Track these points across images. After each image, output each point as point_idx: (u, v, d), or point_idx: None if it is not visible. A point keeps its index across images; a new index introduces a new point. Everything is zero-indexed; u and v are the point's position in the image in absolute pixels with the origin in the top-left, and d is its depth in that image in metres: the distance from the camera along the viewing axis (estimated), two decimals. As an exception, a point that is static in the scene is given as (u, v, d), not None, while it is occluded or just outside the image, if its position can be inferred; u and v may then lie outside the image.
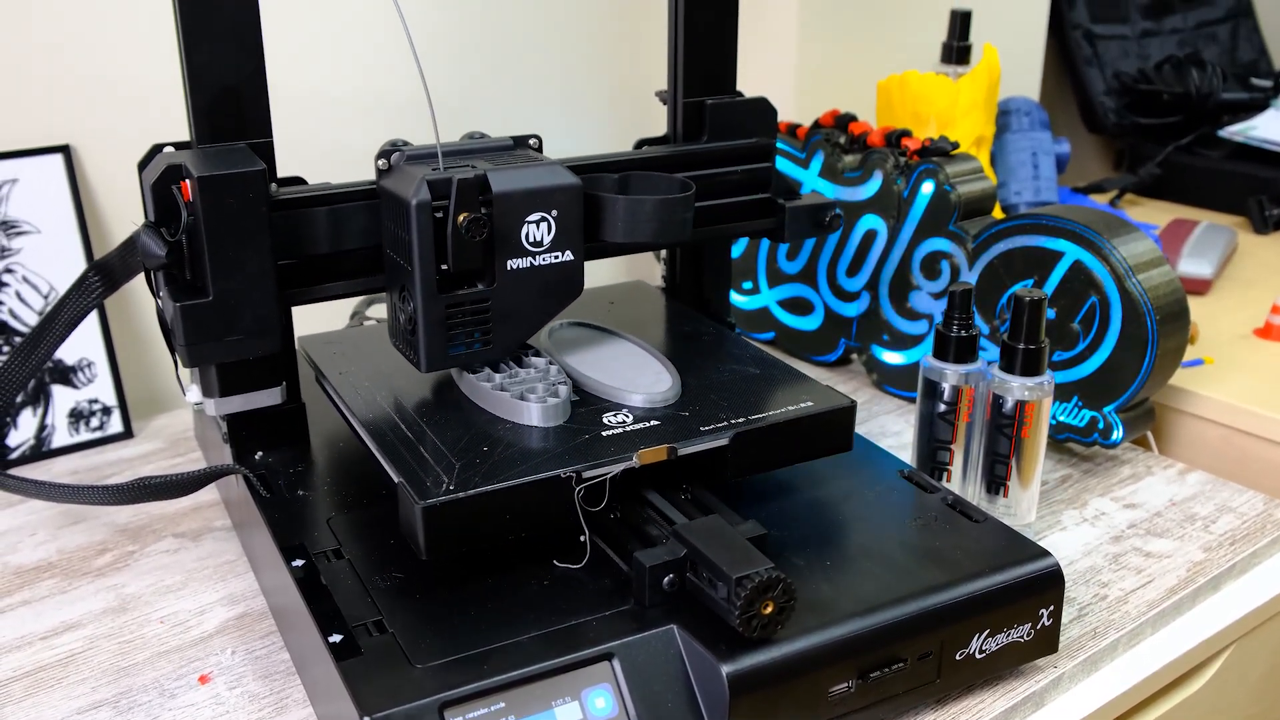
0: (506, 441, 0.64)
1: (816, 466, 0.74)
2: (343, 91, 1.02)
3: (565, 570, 0.63)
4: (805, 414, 0.68)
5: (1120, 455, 0.89)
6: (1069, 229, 0.84)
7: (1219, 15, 1.78)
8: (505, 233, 0.65)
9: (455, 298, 0.66)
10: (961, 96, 1.11)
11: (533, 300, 0.68)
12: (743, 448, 0.66)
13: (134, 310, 0.96)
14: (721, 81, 0.84)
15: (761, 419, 0.67)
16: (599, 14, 1.15)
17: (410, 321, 0.66)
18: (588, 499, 0.62)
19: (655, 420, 0.66)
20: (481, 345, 0.68)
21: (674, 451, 0.64)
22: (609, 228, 0.71)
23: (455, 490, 0.58)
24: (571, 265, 0.68)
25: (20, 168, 0.88)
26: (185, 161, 0.64)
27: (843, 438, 0.70)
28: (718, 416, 0.67)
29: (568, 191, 0.67)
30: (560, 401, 0.66)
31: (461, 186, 0.63)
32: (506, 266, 0.66)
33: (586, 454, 0.62)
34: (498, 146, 0.71)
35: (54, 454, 0.89)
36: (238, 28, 0.67)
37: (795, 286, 1.05)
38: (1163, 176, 1.53)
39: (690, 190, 0.72)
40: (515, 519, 0.60)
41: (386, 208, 0.67)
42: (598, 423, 0.66)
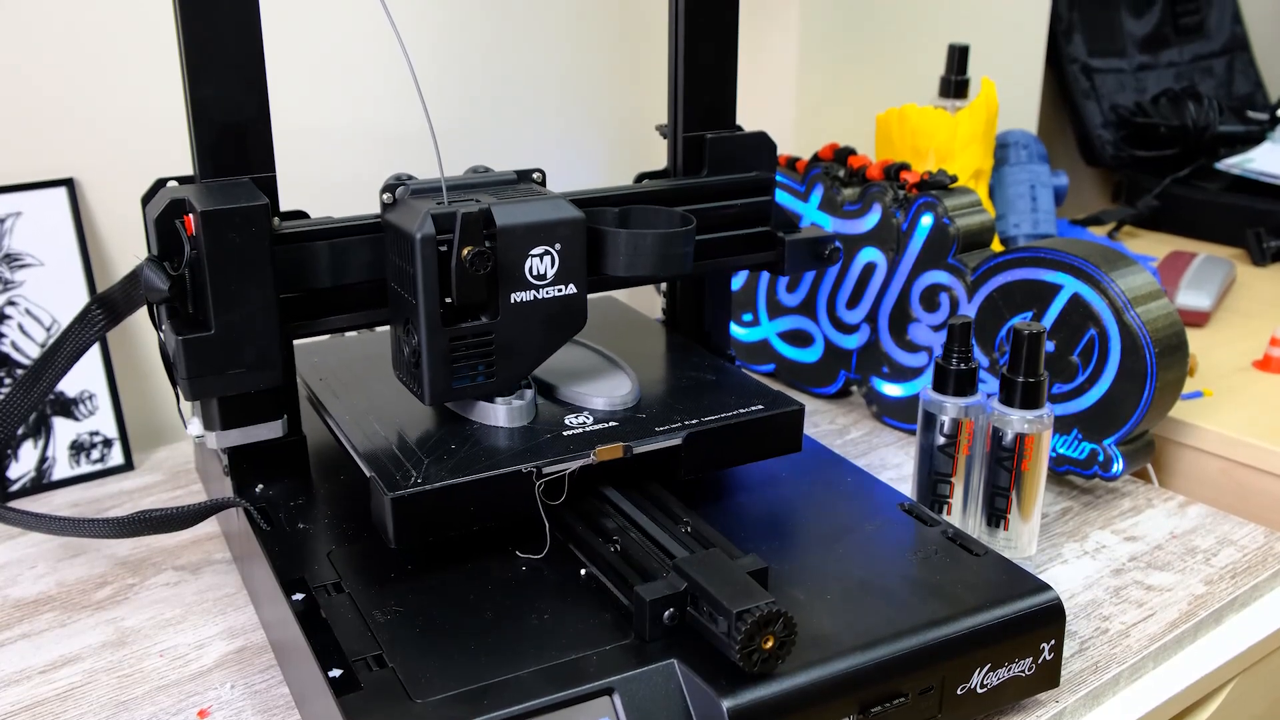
0: (473, 440, 0.68)
1: (817, 499, 0.74)
2: (345, 125, 1.03)
3: (526, 561, 0.66)
4: (756, 416, 0.72)
5: (1120, 488, 0.89)
6: (1067, 262, 0.84)
7: (1215, 49, 1.80)
8: (509, 266, 0.66)
9: (459, 330, 0.66)
10: (960, 130, 1.12)
11: (536, 333, 0.69)
12: (695, 447, 0.70)
13: (136, 342, 0.96)
14: (721, 116, 0.85)
15: (714, 420, 0.71)
16: (600, 48, 1.16)
17: (414, 354, 0.67)
18: (549, 493, 0.65)
19: (614, 421, 0.71)
20: (485, 378, 0.68)
21: (629, 450, 0.68)
22: (610, 261, 0.71)
23: (422, 483, 0.62)
24: (574, 298, 0.69)
25: (24, 201, 0.88)
26: (189, 196, 0.65)
27: (792, 439, 0.74)
28: (672, 418, 0.71)
29: (571, 225, 0.67)
30: (525, 403, 0.70)
31: (466, 220, 0.64)
32: (510, 300, 0.67)
33: (547, 451, 0.67)
34: (502, 180, 0.72)
35: (54, 486, 0.89)
36: (242, 64, 0.67)
37: (795, 319, 1.05)
38: (1161, 209, 1.54)
39: (691, 224, 0.73)
40: (479, 510, 0.64)
41: (391, 241, 0.68)
42: (560, 423, 0.70)
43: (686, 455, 0.70)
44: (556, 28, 1.12)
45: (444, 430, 0.69)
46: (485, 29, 1.08)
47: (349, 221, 0.71)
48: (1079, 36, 1.63)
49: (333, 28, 1.00)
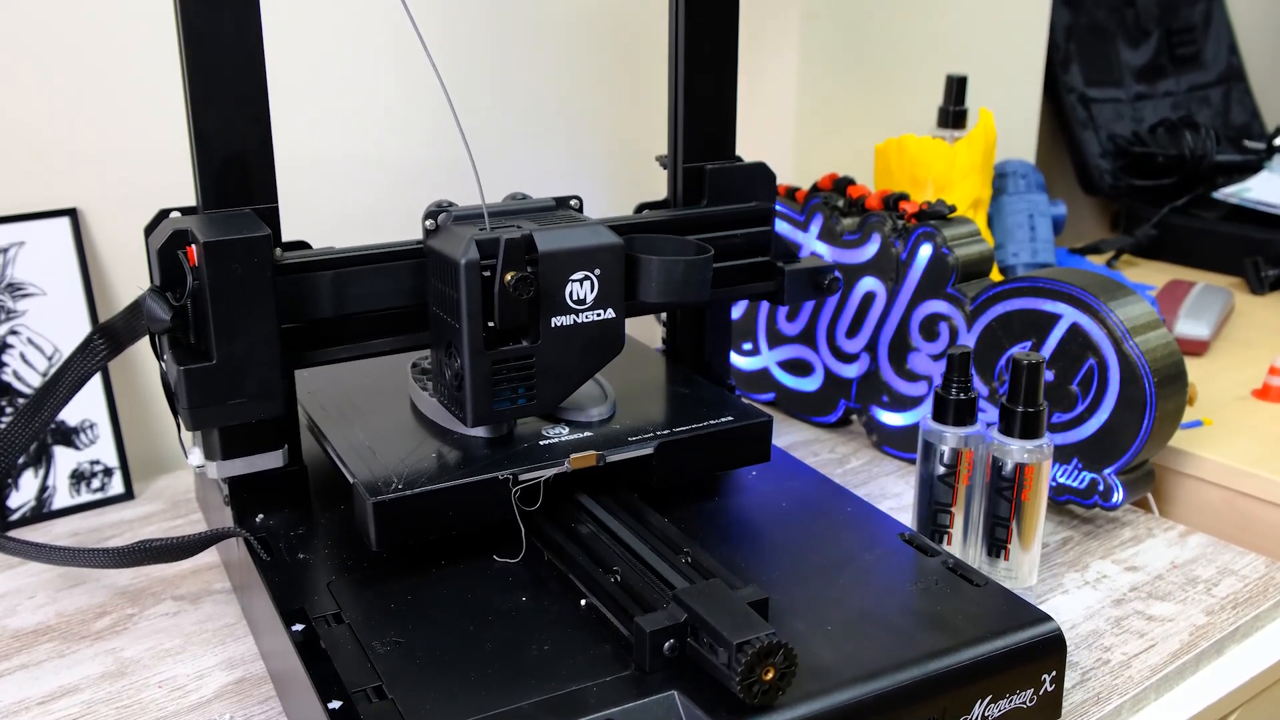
0: (454, 449, 0.71)
1: (818, 529, 0.74)
2: (347, 156, 1.03)
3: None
4: (725, 427, 0.75)
5: (1121, 517, 0.89)
6: (1066, 292, 0.85)
7: (1211, 79, 1.81)
8: (550, 291, 0.68)
9: (501, 354, 0.68)
10: (958, 160, 1.13)
11: (575, 357, 0.70)
12: (667, 456, 0.73)
13: (137, 371, 0.96)
14: (721, 146, 0.86)
15: (684, 431, 0.74)
16: (600, 79, 1.17)
17: (457, 377, 0.68)
18: (524, 499, 0.68)
19: (589, 432, 0.73)
20: (525, 400, 0.70)
21: (603, 458, 0.71)
22: (644, 288, 0.73)
23: (403, 489, 0.65)
24: (613, 323, 0.71)
25: (27, 231, 0.89)
26: (191, 227, 0.65)
27: (760, 449, 0.77)
28: (645, 429, 0.74)
29: (611, 251, 0.69)
30: None
31: (509, 246, 0.65)
32: (550, 324, 0.68)
33: (524, 459, 0.69)
34: (540, 207, 0.74)
35: (55, 515, 0.89)
36: (245, 95, 0.68)
37: (795, 348, 1.05)
38: (1159, 238, 1.55)
39: (710, 252, 0.74)
40: (458, 515, 0.67)
41: (434, 266, 0.69)
42: (537, 434, 0.73)
43: (659, 464, 0.73)
44: (557, 60, 1.13)
45: (427, 442, 0.72)
46: (486, 60, 1.09)
47: (351, 252, 0.71)
48: (1076, 67, 1.64)
49: (334, 59, 1.01)
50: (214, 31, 0.66)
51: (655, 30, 1.16)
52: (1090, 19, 1.66)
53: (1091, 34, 1.66)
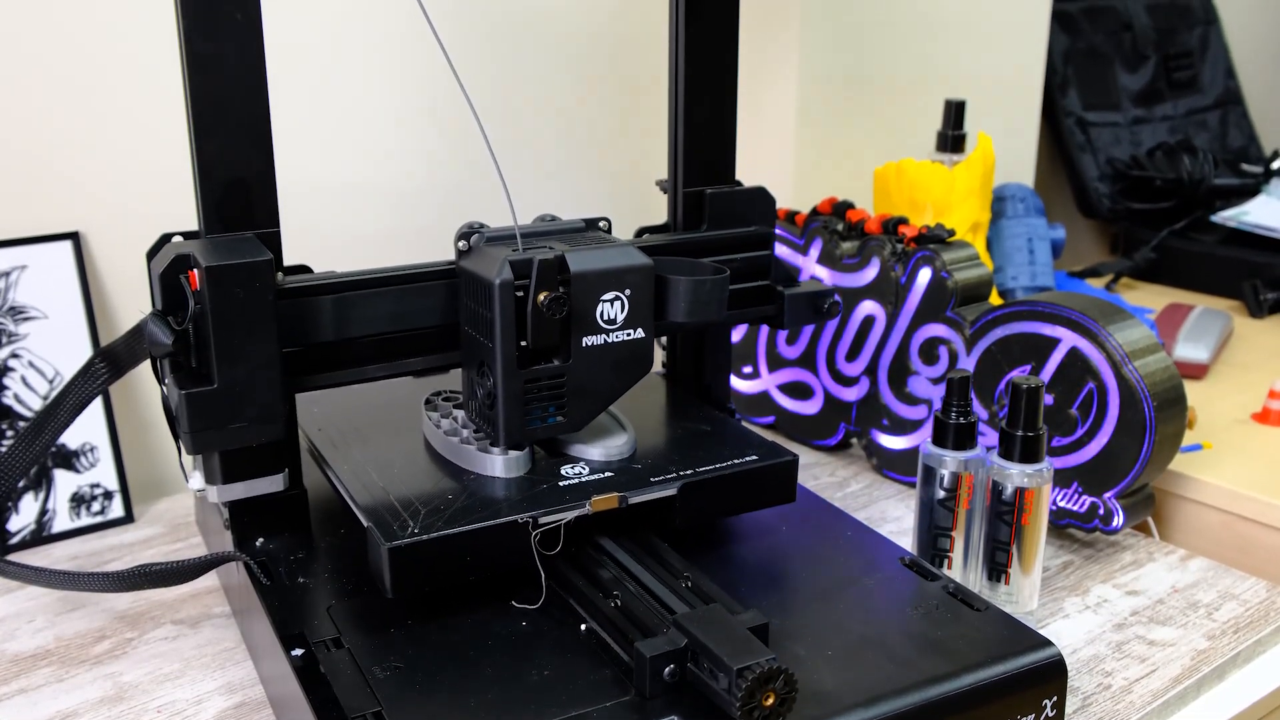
0: (470, 490, 0.68)
1: (818, 553, 0.74)
2: (348, 179, 1.04)
3: (526, 617, 0.66)
4: (749, 467, 0.72)
5: (1121, 541, 0.89)
6: (1065, 316, 0.85)
7: (1209, 103, 1.82)
8: (581, 311, 0.69)
9: (533, 373, 0.69)
10: (957, 184, 1.13)
11: (606, 376, 0.71)
12: (690, 497, 0.70)
13: (138, 394, 0.96)
14: (721, 171, 0.86)
15: (708, 471, 0.71)
16: (600, 104, 1.17)
17: (489, 397, 0.69)
18: (544, 543, 0.65)
19: (609, 472, 0.71)
20: (557, 419, 0.70)
21: (624, 500, 0.68)
22: (672, 307, 0.73)
23: (419, 534, 0.63)
24: (642, 342, 0.71)
25: (29, 254, 0.89)
26: (193, 251, 0.65)
27: (785, 490, 0.74)
28: (667, 469, 0.72)
29: (641, 272, 0.70)
30: (521, 454, 0.70)
31: (542, 267, 0.66)
32: (582, 343, 0.69)
33: (543, 501, 0.67)
34: (570, 228, 0.75)
35: (54, 539, 0.88)
36: (248, 121, 0.68)
37: (795, 371, 1.05)
38: (1158, 261, 1.55)
39: (726, 272, 0.75)
40: (475, 560, 0.64)
41: (467, 286, 0.70)
42: (556, 474, 0.71)
43: (681, 505, 0.70)
44: (557, 85, 1.14)
45: (442, 481, 0.70)
46: (488, 85, 1.09)
47: (352, 276, 0.71)
48: (1074, 91, 1.65)
49: (336, 83, 1.01)
50: (217, 57, 0.66)
51: (656, 55, 1.17)
52: (1088, 43, 1.67)
53: (1089, 58, 1.67)
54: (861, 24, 1.19)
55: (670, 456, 0.73)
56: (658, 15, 1.16)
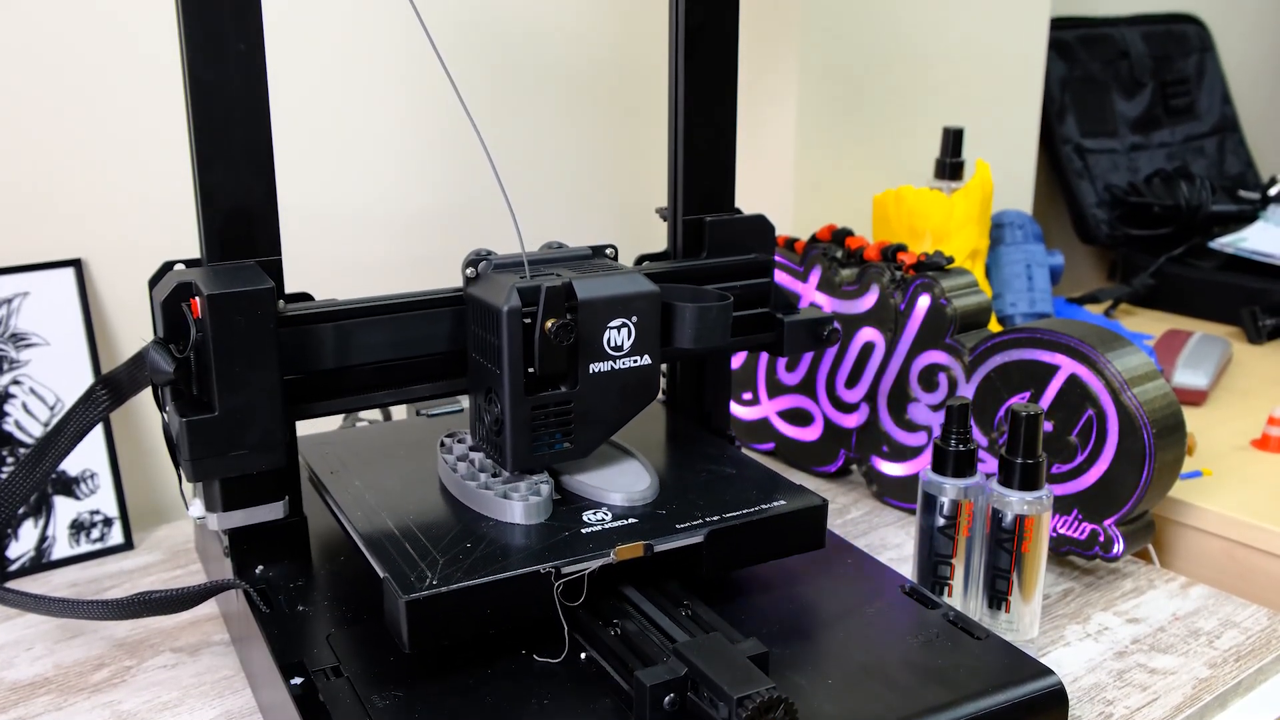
0: (489, 538, 0.66)
1: (818, 581, 0.74)
2: (350, 207, 1.04)
3: (545, 666, 0.62)
4: (778, 512, 0.71)
5: (1122, 568, 0.89)
6: (1064, 343, 0.85)
7: (1206, 129, 1.83)
8: (588, 338, 0.69)
9: (540, 400, 0.69)
10: (956, 211, 1.14)
11: (612, 402, 0.71)
12: (717, 545, 0.68)
13: (138, 420, 0.96)
14: (720, 199, 0.86)
15: (735, 517, 0.69)
16: (600, 132, 1.18)
17: (497, 423, 0.69)
18: (567, 594, 0.64)
19: (633, 518, 0.69)
20: (564, 446, 0.70)
21: (650, 548, 0.66)
22: (679, 334, 0.74)
23: (438, 585, 0.61)
24: (649, 369, 0.71)
25: (32, 281, 0.89)
26: (195, 279, 0.65)
27: (815, 536, 0.72)
28: (693, 515, 0.70)
29: (648, 299, 0.70)
30: (541, 500, 0.69)
31: (550, 294, 0.67)
32: (589, 370, 0.69)
33: (565, 550, 0.65)
34: (577, 255, 0.76)
35: (54, 566, 0.88)
36: (250, 149, 0.69)
37: (794, 397, 1.06)
38: (1156, 287, 1.55)
39: (730, 298, 0.76)
40: (496, 613, 0.62)
41: (475, 313, 0.71)
42: (578, 520, 0.69)
43: (708, 553, 0.68)
44: (557, 112, 1.15)
45: (459, 527, 0.68)
46: (490, 113, 1.10)
47: (353, 304, 0.71)
48: (1071, 118, 1.66)
49: (341, 110, 1.02)
50: (220, 85, 0.67)
51: (655, 84, 1.17)
52: (1085, 71, 1.68)
53: (1086, 86, 1.68)
54: (860, 52, 1.20)
55: (695, 501, 0.71)
56: (658, 45, 1.16)
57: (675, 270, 0.82)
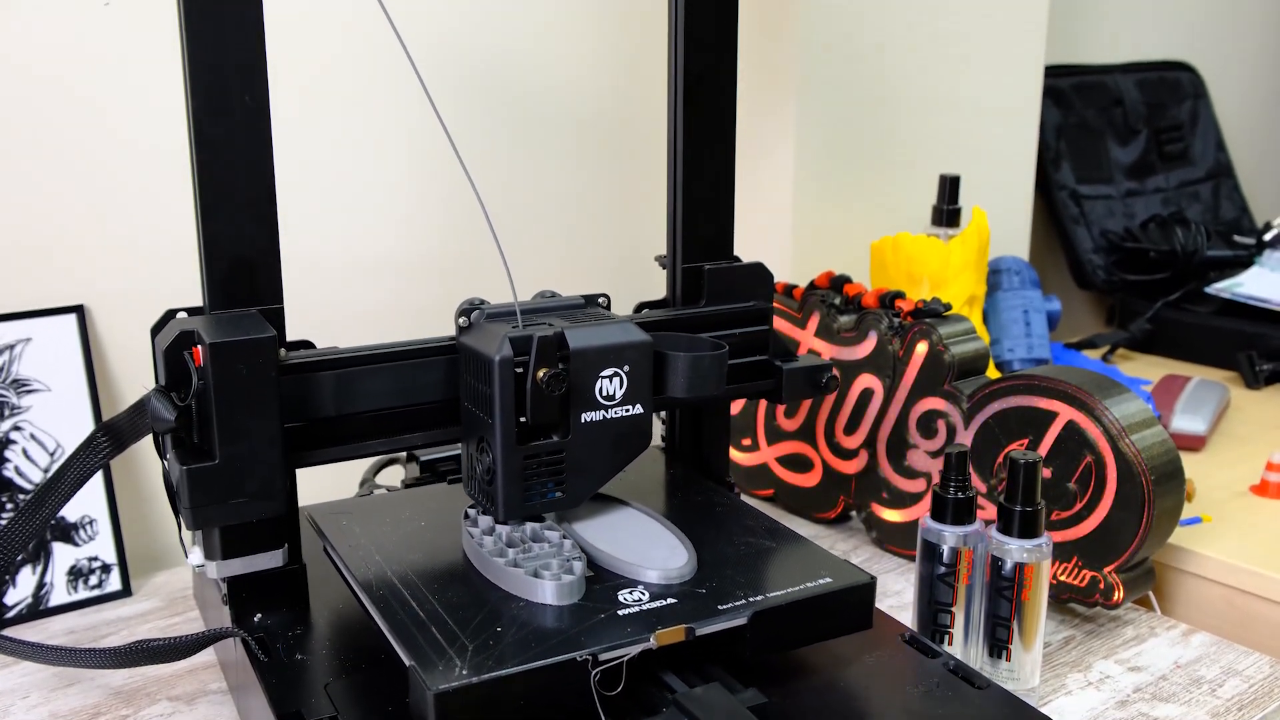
0: (520, 621, 0.63)
1: (817, 630, 0.74)
2: (351, 255, 1.05)
3: None
4: (825, 591, 0.67)
5: (1123, 616, 0.89)
6: (1061, 390, 0.86)
7: (1200, 175, 1.84)
8: (581, 387, 0.69)
9: (532, 449, 0.68)
10: (953, 257, 1.14)
11: (605, 451, 0.71)
12: (762, 627, 0.64)
13: (138, 466, 0.96)
14: (719, 247, 0.87)
15: (780, 596, 0.66)
16: (599, 180, 1.19)
17: (488, 472, 0.69)
18: (604, 682, 0.60)
19: (671, 598, 0.65)
20: (556, 495, 0.70)
21: (692, 632, 0.63)
22: (672, 383, 0.74)
23: (468, 675, 0.57)
24: (641, 418, 0.71)
25: (34, 327, 0.90)
26: (198, 328, 0.66)
27: (863, 615, 0.69)
28: (735, 594, 0.66)
29: (639, 348, 0.70)
30: (575, 579, 0.65)
31: (542, 344, 0.67)
32: (581, 419, 0.69)
33: (602, 635, 0.61)
34: (570, 305, 0.76)
35: (51, 612, 0.88)
36: (254, 200, 0.69)
37: (794, 443, 1.06)
38: (1154, 332, 1.56)
39: (725, 348, 0.76)
40: (530, 704, 0.58)
41: (467, 362, 0.71)
42: (613, 600, 0.65)
43: (752, 636, 0.64)
44: (557, 161, 1.16)
45: (488, 609, 0.64)
46: (487, 162, 1.11)
47: (354, 352, 0.72)
48: (1067, 164, 1.67)
49: (340, 161, 1.03)
50: (225, 138, 0.68)
51: (655, 132, 1.19)
52: (1080, 118, 1.70)
53: (1081, 132, 1.70)
54: (856, 100, 1.21)
55: (735, 578, 0.68)
56: (657, 94, 1.18)
57: (674, 318, 0.82)
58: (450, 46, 1.07)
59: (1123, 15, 1.82)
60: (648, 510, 0.77)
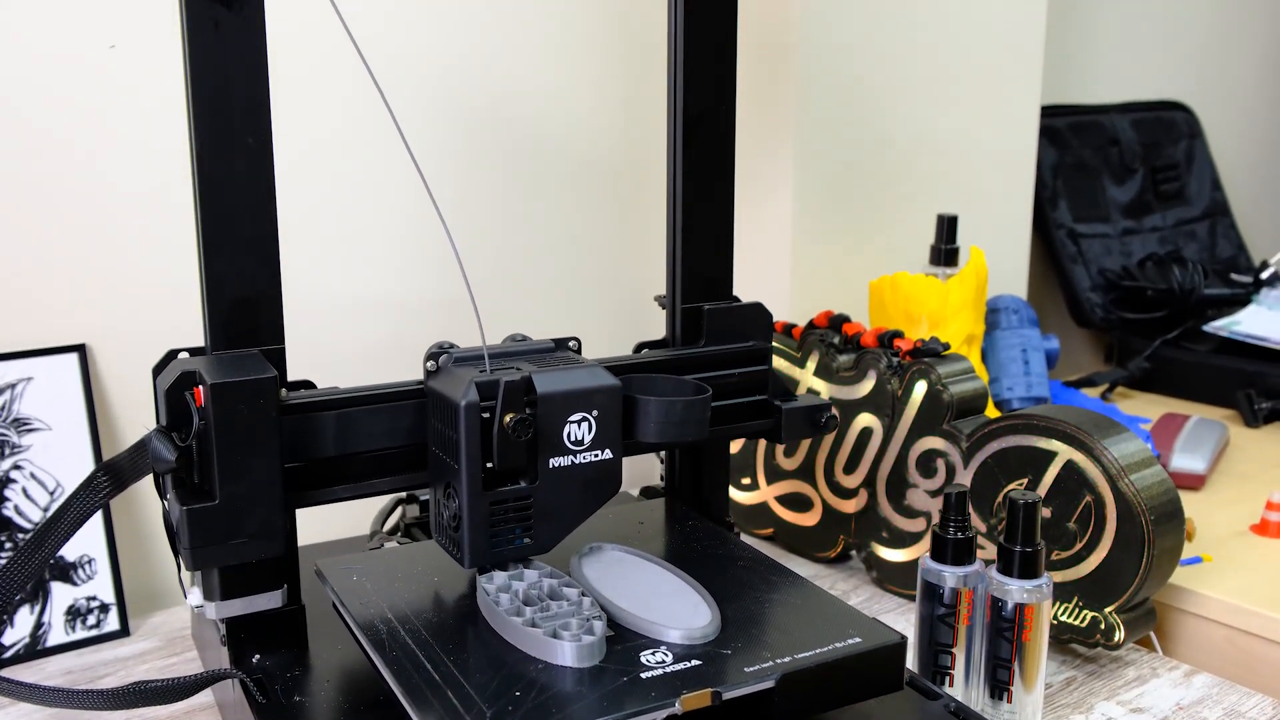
0: (540, 684, 0.61)
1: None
2: (353, 295, 1.06)
3: None
4: (855, 651, 0.65)
5: (1124, 656, 0.88)
6: (1060, 429, 0.86)
7: (1197, 214, 1.85)
8: (548, 432, 0.68)
9: (499, 495, 0.68)
10: (951, 296, 1.15)
11: (573, 497, 0.70)
12: (790, 690, 0.62)
13: (138, 505, 0.96)
14: (718, 287, 0.88)
15: (809, 658, 0.64)
16: (600, 221, 1.20)
17: (455, 518, 0.68)
18: None
19: (696, 659, 0.63)
20: (524, 542, 0.69)
21: (719, 696, 0.61)
22: (642, 428, 0.73)
23: None
24: (611, 463, 0.71)
25: (35, 366, 0.90)
26: (199, 368, 0.66)
27: (893, 677, 0.67)
28: (761, 655, 0.64)
29: (608, 393, 0.70)
30: (595, 640, 0.64)
31: (508, 388, 0.66)
32: (549, 465, 0.69)
33: (625, 700, 0.59)
34: (540, 349, 0.75)
35: (49, 653, 0.88)
36: (256, 240, 0.70)
37: (794, 482, 1.06)
38: (1152, 370, 1.56)
39: (708, 392, 0.75)
40: None
41: (434, 407, 0.70)
42: (635, 662, 0.63)
43: (780, 699, 0.62)
44: (560, 202, 1.16)
45: (505, 672, 0.62)
46: (493, 203, 1.12)
47: (355, 392, 0.72)
48: (1064, 203, 1.68)
49: (343, 201, 1.04)
50: (228, 179, 0.68)
51: (655, 172, 1.19)
52: (1076, 157, 1.71)
53: (1078, 172, 1.71)
54: (854, 141, 1.22)
55: (761, 638, 0.66)
56: (658, 135, 1.19)
57: (673, 358, 0.83)
58: (454, 90, 1.08)
59: (1117, 56, 1.84)
60: (668, 565, 0.75)
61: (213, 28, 0.67)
